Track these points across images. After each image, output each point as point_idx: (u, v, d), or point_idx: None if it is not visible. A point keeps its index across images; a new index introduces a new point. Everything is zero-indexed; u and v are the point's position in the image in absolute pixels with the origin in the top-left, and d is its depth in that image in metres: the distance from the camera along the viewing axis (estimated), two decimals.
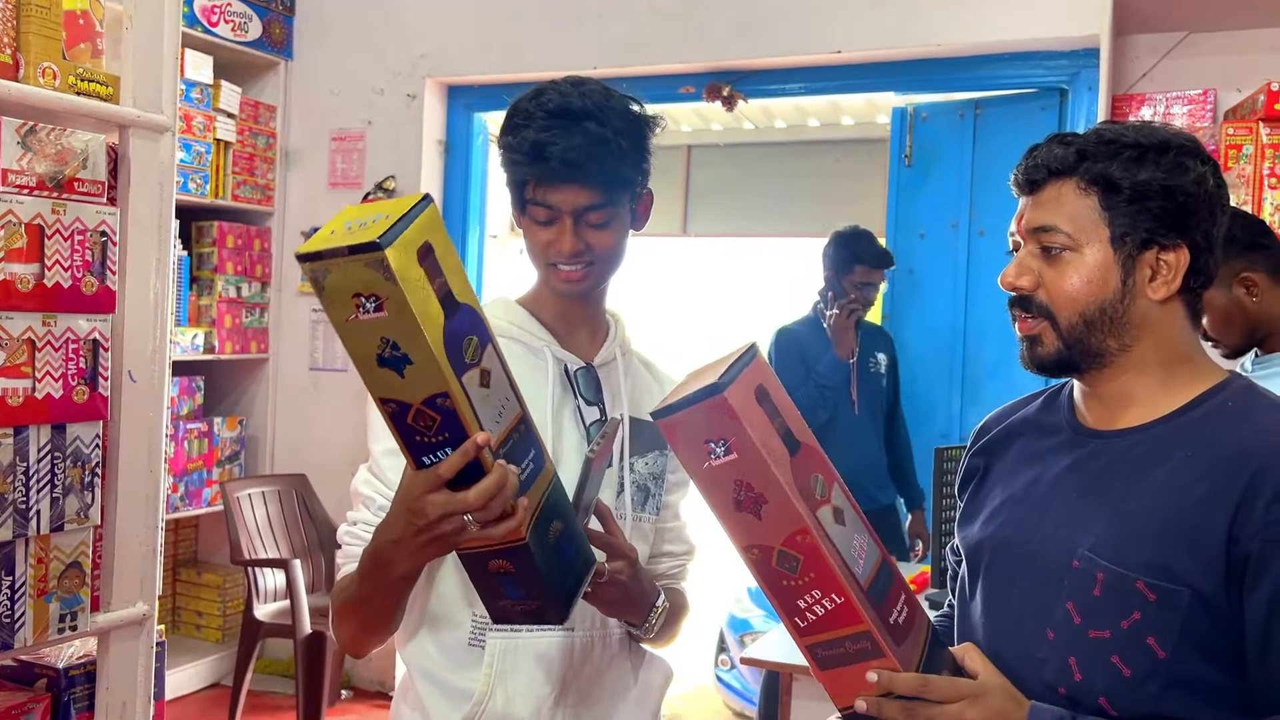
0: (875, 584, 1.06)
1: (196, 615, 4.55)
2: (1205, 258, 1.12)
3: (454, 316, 1.00)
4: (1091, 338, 1.12)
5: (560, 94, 1.32)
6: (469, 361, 1.02)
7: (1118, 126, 1.14)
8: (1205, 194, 1.11)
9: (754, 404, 1.00)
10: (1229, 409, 1.10)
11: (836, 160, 5.93)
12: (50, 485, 1.28)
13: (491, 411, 1.04)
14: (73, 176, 1.29)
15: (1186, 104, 3.21)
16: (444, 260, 1.00)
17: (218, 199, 4.25)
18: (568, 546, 1.14)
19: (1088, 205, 1.11)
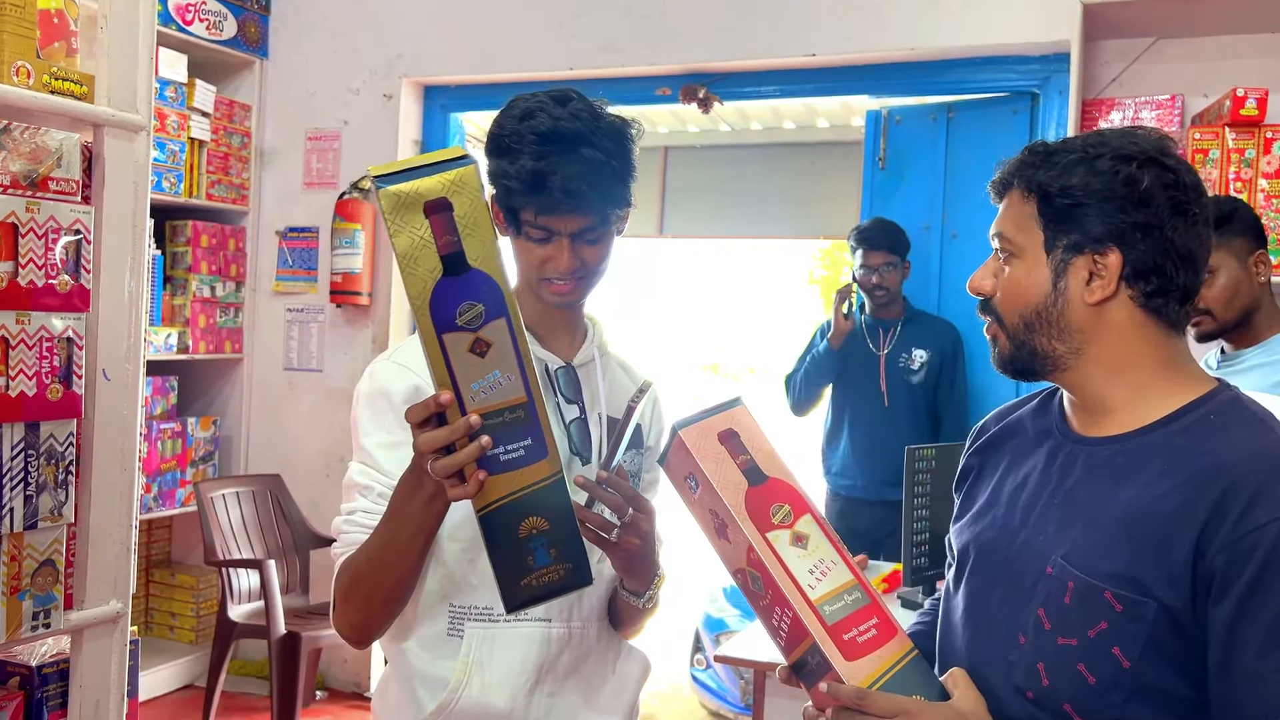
0: (833, 602, 1.12)
1: (170, 616, 4.53)
2: (1153, 260, 1.11)
3: (456, 277, 1.03)
4: (1033, 340, 1.15)
5: (551, 116, 1.33)
6: (461, 325, 1.04)
7: (1080, 136, 1.17)
8: (1137, 195, 1.10)
9: (714, 442, 1.14)
10: (1210, 422, 1.10)
11: (812, 162, 5.97)
12: (24, 483, 1.28)
13: (477, 381, 1.06)
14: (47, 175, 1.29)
15: (1155, 109, 3.25)
16: (466, 223, 1.03)
17: (192, 198, 4.23)
18: (540, 550, 1.14)
19: (1027, 212, 1.15)
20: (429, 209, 1.01)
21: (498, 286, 1.05)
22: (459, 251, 1.03)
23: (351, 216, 4.22)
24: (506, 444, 1.09)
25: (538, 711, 1.42)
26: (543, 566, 1.15)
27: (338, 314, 4.39)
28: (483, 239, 1.04)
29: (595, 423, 1.46)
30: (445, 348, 1.05)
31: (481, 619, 1.39)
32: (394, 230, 1.02)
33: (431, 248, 1.02)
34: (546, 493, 1.12)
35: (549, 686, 1.42)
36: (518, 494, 1.11)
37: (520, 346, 1.08)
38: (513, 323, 1.07)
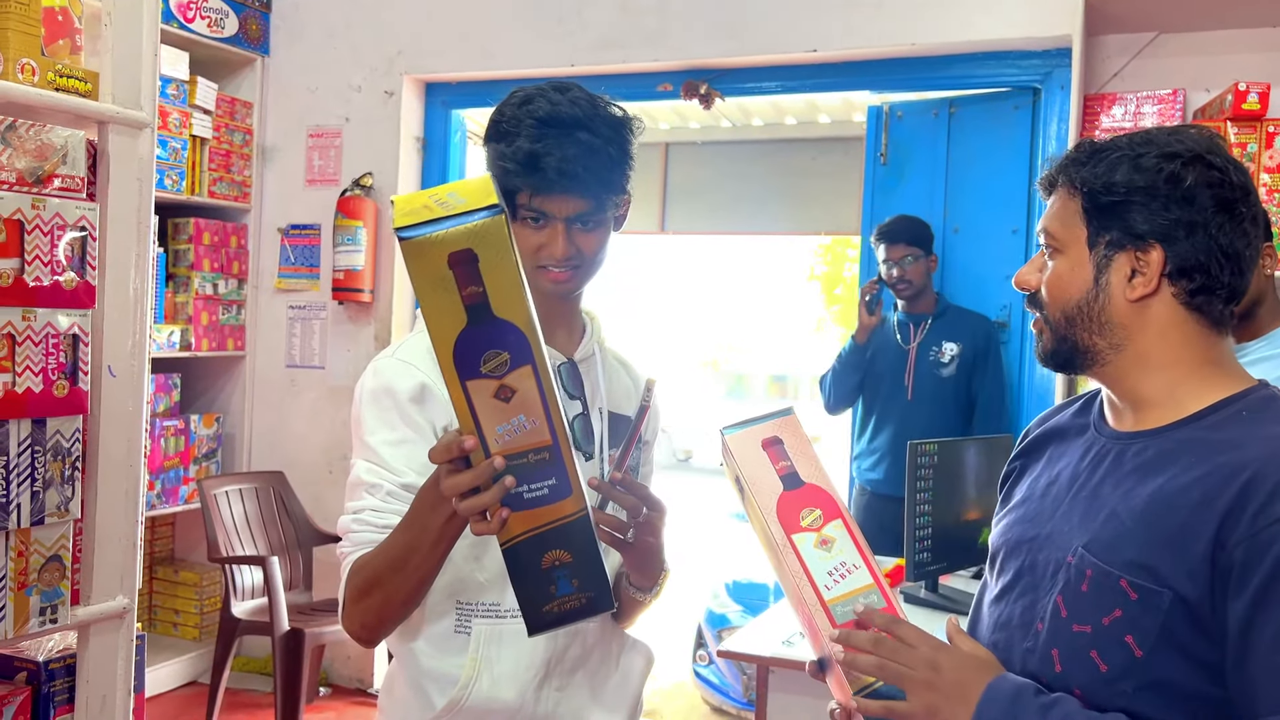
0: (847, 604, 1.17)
1: (173, 613, 4.54)
2: (1197, 258, 1.11)
3: (480, 326, 1.02)
4: (1076, 334, 1.16)
5: (549, 102, 1.34)
6: (485, 372, 1.04)
7: (1128, 134, 1.17)
8: (1180, 193, 1.10)
9: (757, 448, 1.20)
10: (1242, 418, 1.10)
11: (813, 158, 5.97)
12: (30, 479, 1.29)
13: (501, 425, 1.06)
14: (52, 172, 1.29)
15: (1156, 104, 3.25)
16: (491, 273, 1.00)
17: (194, 195, 4.24)
18: (563, 580, 1.15)
19: (1072, 209, 1.16)
20: (453, 260, 0.99)
21: (523, 335, 1.04)
22: (484, 303, 1.01)
23: (353, 214, 4.23)
24: (530, 483, 1.10)
25: (546, 706, 1.42)
26: (565, 595, 1.16)
27: (340, 311, 4.40)
28: (509, 288, 1.02)
29: (597, 418, 1.47)
30: (469, 394, 1.05)
31: (489, 615, 1.39)
32: (417, 282, 1.00)
33: (456, 297, 1.00)
34: (570, 529, 1.12)
35: (557, 681, 1.43)
36: (541, 529, 1.12)
37: (546, 391, 1.07)
38: (539, 369, 1.06)
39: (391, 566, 1.28)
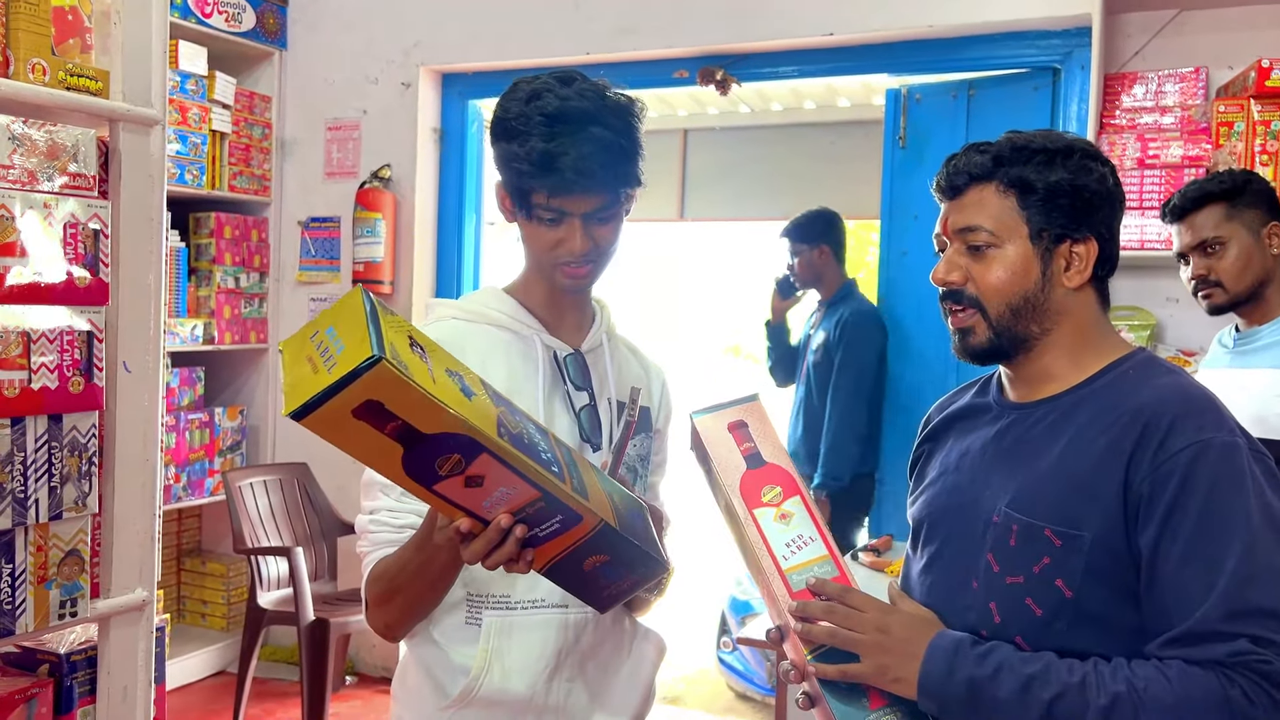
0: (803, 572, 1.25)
1: (201, 604, 4.59)
2: (1110, 247, 1.26)
3: (417, 447, 1.00)
4: (1017, 325, 1.24)
5: (557, 97, 1.33)
6: (444, 474, 1.03)
7: (1026, 134, 1.27)
8: (1107, 191, 1.25)
9: (724, 431, 1.28)
10: (1130, 376, 1.22)
11: (832, 143, 5.93)
12: (48, 474, 1.30)
13: (485, 500, 1.07)
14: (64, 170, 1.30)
15: (1178, 82, 3.21)
16: (401, 407, 0.97)
17: (214, 190, 4.27)
18: (608, 571, 1.19)
19: (1008, 205, 1.24)
20: (359, 414, 0.96)
21: (463, 435, 1.01)
22: (409, 430, 0.99)
23: (372, 206, 4.24)
24: (539, 525, 1.11)
25: (557, 696, 1.43)
26: (617, 580, 1.20)
27: None
28: (426, 409, 0.98)
29: (605, 409, 1.47)
30: (442, 495, 1.05)
31: (499, 607, 1.40)
32: (337, 443, 0.99)
33: (380, 437, 0.98)
34: (594, 540, 1.15)
35: (568, 671, 1.43)
36: (568, 550, 1.15)
37: (512, 461, 1.05)
38: (495, 449, 1.03)
39: (407, 580, 1.32)
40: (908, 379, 3.88)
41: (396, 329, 1.00)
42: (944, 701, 1.15)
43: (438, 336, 1.41)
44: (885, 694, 1.21)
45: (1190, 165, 3.09)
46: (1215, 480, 1.11)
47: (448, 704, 1.41)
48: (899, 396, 3.90)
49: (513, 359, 1.42)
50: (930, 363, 3.84)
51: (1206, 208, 2.26)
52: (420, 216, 4.34)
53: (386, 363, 0.93)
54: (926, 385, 3.82)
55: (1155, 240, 3.09)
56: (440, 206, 4.43)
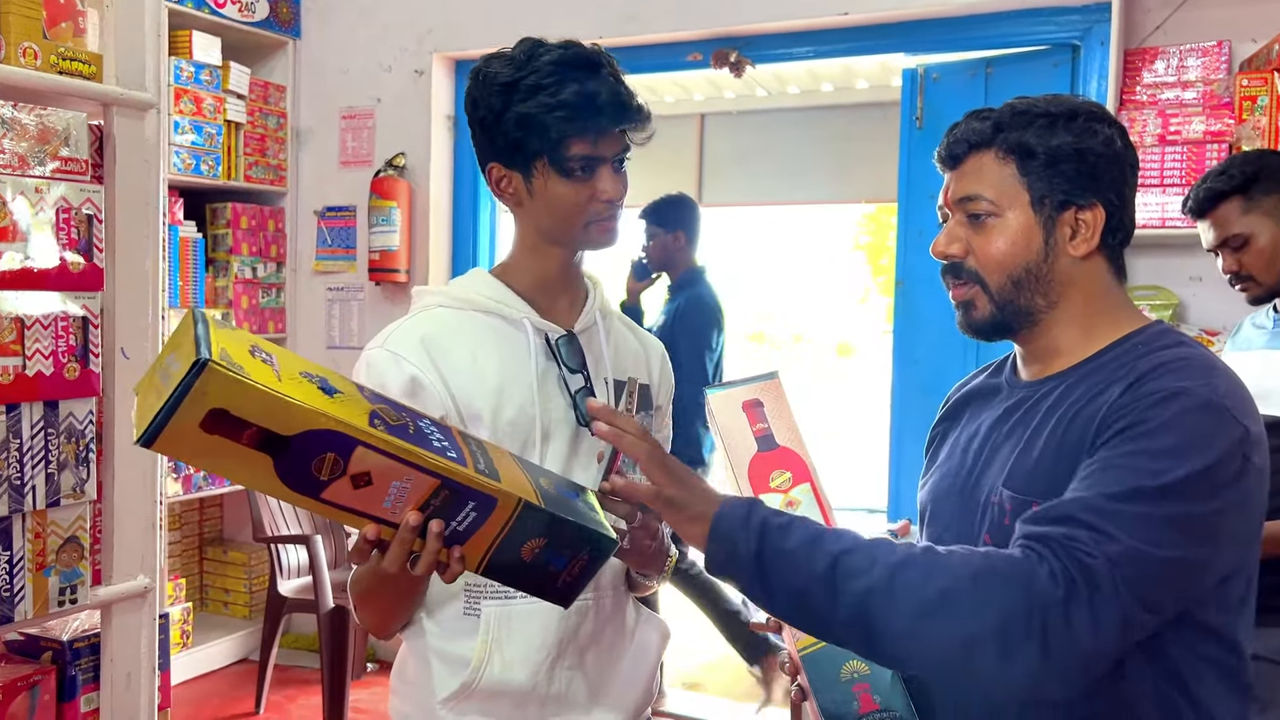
0: None
1: (224, 592, 4.62)
2: (1120, 214, 1.19)
3: (285, 453, 0.95)
4: (1020, 297, 1.19)
5: (560, 47, 1.32)
6: (326, 479, 0.98)
7: (1029, 99, 1.21)
8: (1114, 154, 1.18)
9: (737, 409, 1.24)
10: (1138, 349, 1.16)
11: (851, 124, 5.87)
12: (45, 461, 1.30)
13: (382, 500, 1.03)
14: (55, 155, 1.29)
15: (1200, 56, 3.14)
16: (249, 410, 0.93)
17: (230, 180, 4.27)
18: (554, 557, 1.13)
19: (1007, 173, 1.18)
20: (208, 426, 0.92)
21: (329, 431, 0.97)
22: (268, 435, 0.94)
23: (387, 194, 4.24)
24: (455, 518, 1.07)
25: (559, 685, 1.40)
26: (565, 566, 1.14)
27: (377, 292, 4.42)
28: (275, 406, 0.94)
29: (602, 389, 1.44)
30: (333, 503, 1.01)
31: (498, 596, 1.37)
32: (197, 463, 0.95)
33: (243, 450, 0.94)
34: (522, 522, 1.09)
35: (569, 660, 1.41)
36: (497, 540, 1.10)
37: (394, 450, 1.01)
38: (370, 441, 0.99)
39: (377, 593, 1.32)
40: (926, 361, 3.83)
41: (236, 340, 0.96)
42: (733, 545, 1.08)
43: (424, 330, 1.38)
44: (876, 698, 1.19)
45: (1213, 141, 3.03)
46: (1167, 423, 1.04)
47: (448, 696, 1.38)
48: (917, 378, 3.86)
49: (503, 345, 1.40)
50: (948, 344, 3.80)
51: (1221, 206, 2.20)
52: (435, 204, 4.33)
53: (214, 364, 0.89)
54: (945, 367, 3.77)
55: (1176, 218, 3.04)
56: (455, 194, 4.42)
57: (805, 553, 1.05)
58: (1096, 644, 0.97)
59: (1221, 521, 1.04)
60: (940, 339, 3.82)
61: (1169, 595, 1.03)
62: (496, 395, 1.36)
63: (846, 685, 1.20)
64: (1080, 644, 0.96)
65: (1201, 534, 1.03)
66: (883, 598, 1.01)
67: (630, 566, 1.43)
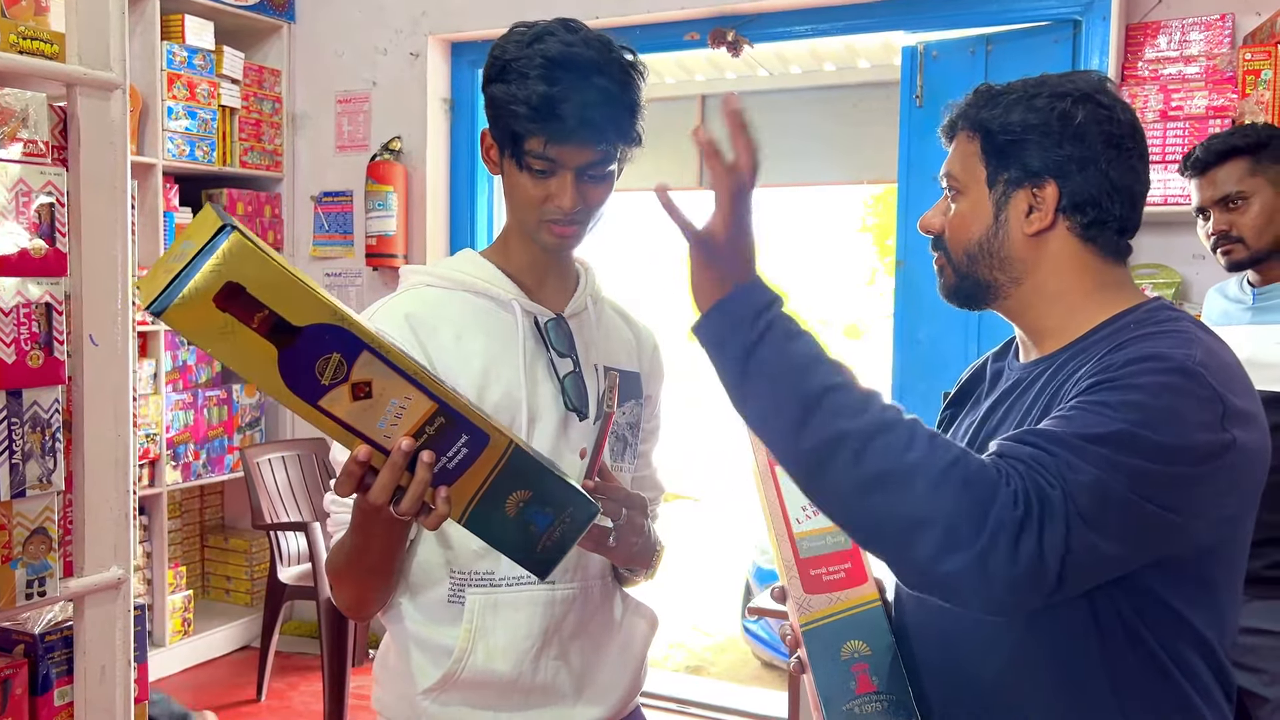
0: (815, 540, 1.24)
1: (225, 580, 4.62)
2: (1090, 191, 1.16)
3: (294, 344, 0.94)
4: (977, 270, 1.21)
5: (562, 42, 1.27)
6: (327, 383, 0.97)
7: (1024, 79, 1.21)
8: (1071, 131, 1.15)
9: None
10: (1129, 327, 1.14)
11: (854, 105, 5.82)
12: (8, 451, 1.27)
13: (380, 420, 1.01)
14: (13, 136, 1.26)
15: (1204, 30, 3.09)
16: (265, 290, 0.92)
17: (226, 166, 4.25)
18: (537, 515, 1.11)
19: (971, 151, 1.20)
20: (220, 302, 0.90)
21: (338, 327, 0.96)
22: (278, 320, 0.93)
23: (383, 179, 4.21)
24: (446, 452, 1.05)
25: (545, 675, 1.38)
26: (548, 527, 1.12)
27: (375, 277, 4.40)
28: (291, 292, 0.93)
29: (591, 375, 1.41)
30: (329, 413, 0.99)
31: (483, 584, 1.35)
32: (202, 343, 0.92)
33: (249, 334, 0.92)
34: (510, 467, 1.08)
35: (555, 650, 1.39)
36: (484, 485, 1.08)
37: (398, 363, 1.00)
38: (375, 347, 0.98)
39: (351, 564, 1.29)
40: (927, 339, 3.79)
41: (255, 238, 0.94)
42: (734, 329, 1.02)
43: (410, 307, 1.36)
44: (874, 680, 1.19)
45: (1215, 116, 2.98)
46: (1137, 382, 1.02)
47: (431, 685, 1.37)
48: (918, 359, 3.81)
49: (491, 326, 1.37)
50: (949, 325, 3.76)
51: (1230, 162, 2.20)
52: (432, 188, 4.30)
53: (239, 231, 0.89)
54: (946, 346, 3.73)
55: (1179, 195, 2.99)
56: (452, 177, 4.39)
57: (798, 375, 1.01)
58: (1032, 575, 0.96)
59: (1192, 491, 1.02)
60: (941, 319, 3.77)
61: (1127, 541, 1.01)
62: (482, 376, 1.34)
63: (846, 664, 1.19)
64: (1016, 569, 0.95)
65: (1166, 493, 1.00)
66: (854, 451, 0.98)
67: (616, 564, 1.41)
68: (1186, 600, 1.10)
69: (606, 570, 1.45)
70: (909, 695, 1.20)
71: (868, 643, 1.21)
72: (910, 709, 1.19)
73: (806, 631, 1.19)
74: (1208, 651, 1.12)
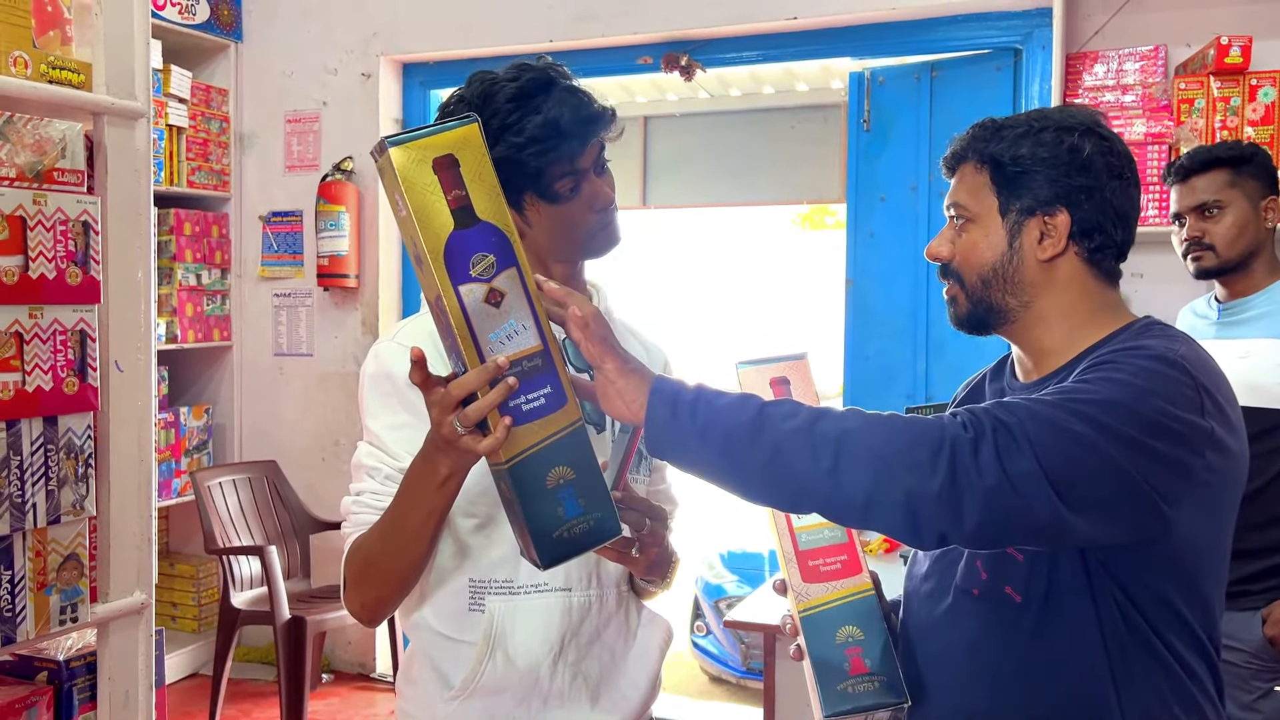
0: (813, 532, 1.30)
1: (171, 606, 4.52)
2: (1096, 219, 1.24)
3: (467, 229, 1.05)
4: (991, 296, 1.28)
5: (511, 79, 1.34)
6: (475, 276, 1.07)
7: (1025, 113, 1.31)
8: (1082, 162, 1.24)
9: (765, 384, 1.29)
10: (1123, 339, 1.22)
11: (792, 127, 5.95)
12: (45, 478, 1.27)
13: (494, 331, 1.08)
14: (52, 166, 1.27)
15: (1139, 60, 3.26)
16: (472, 177, 1.05)
17: (173, 186, 4.19)
18: (570, 500, 1.14)
19: (981, 182, 1.28)
20: (437, 165, 1.04)
21: (506, 238, 1.08)
22: (468, 205, 1.05)
23: (335, 199, 4.19)
24: (527, 393, 1.10)
25: (562, 681, 1.42)
26: (574, 518, 1.14)
27: (326, 297, 4.37)
28: (489, 193, 1.07)
29: None
30: (462, 299, 1.07)
31: (502, 592, 1.39)
32: (406, 187, 1.04)
33: (442, 201, 1.04)
34: (570, 441, 1.12)
35: (572, 655, 1.43)
36: (543, 443, 1.11)
37: (532, 295, 1.10)
38: (523, 272, 1.09)
39: (384, 546, 1.29)
40: (876, 358, 3.91)
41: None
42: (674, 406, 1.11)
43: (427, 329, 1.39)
44: (865, 662, 1.25)
45: (1153, 142, 3.14)
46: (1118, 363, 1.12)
47: (452, 694, 1.40)
48: (867, 375, 3.92)
49: None
50: (898, 342, 3.88)
51: (1211, 171, 2.30)
52: (385, 209, 4.29)
53: (479, 126, 1.05)
54: (894, 364, 3.85)
55: None
56: None
57: (738, 407, 1.11)
58: (999, 478, 1.04)
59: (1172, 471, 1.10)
60: (890, 336, 3.90)
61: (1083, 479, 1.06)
62: None
63: (841, 648, 1.26)
64: (985, 477, 1.03)
65: (1147, 464, 1.08)
66: (803, 440, 1.07)
67: (636, 573, 1.45)
68: (1184, 599, 1.19)
69: (623, 579, 1.49)
70: (900, 678, 1.27)
71: (861, 628, 1.28)
72: (900, 690, 1.27)
73: (804, 618, 1.27)
74: (1200, 646, 1.21)
